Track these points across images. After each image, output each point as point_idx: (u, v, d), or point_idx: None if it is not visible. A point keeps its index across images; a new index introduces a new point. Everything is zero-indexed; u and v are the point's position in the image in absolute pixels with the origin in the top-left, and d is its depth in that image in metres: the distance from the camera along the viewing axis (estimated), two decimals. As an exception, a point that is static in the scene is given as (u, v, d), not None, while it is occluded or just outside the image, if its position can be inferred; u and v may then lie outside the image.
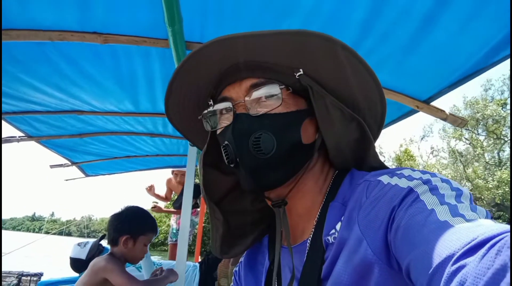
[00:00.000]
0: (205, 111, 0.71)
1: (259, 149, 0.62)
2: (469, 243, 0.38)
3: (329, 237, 0.62)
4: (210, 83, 0.72)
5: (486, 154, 25.67)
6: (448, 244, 0.41)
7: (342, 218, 0.62)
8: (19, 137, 2.90)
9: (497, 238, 0.36)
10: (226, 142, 0.66)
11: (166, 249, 5.14)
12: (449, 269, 0.38)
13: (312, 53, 0.64)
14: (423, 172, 0.58)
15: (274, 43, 0.64)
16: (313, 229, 0.66)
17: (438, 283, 0.39)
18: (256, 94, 0.66)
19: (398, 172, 0.60)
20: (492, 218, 0.49)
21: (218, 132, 0.71)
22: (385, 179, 0.60)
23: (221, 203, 0.78)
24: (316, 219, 0.67)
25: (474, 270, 0.34)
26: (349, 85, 0.68)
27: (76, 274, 2.94)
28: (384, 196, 0.56)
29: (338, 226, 0.62)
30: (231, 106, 0.67)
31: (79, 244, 2.92)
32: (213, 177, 0.77)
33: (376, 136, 0.76)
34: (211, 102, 0.72)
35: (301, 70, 0.66)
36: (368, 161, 0.73)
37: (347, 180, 0.69)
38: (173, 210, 5.26)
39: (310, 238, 0.66)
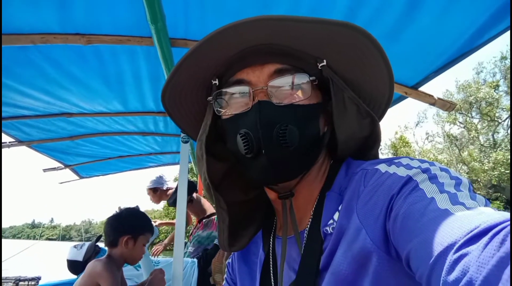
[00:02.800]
0: (215, 92, 0.67)
1: (284, 141, 0.60)
2: (471, 231, 0.38)
3: (327, 228, 0.62)
4: (220, 63, 0.67)
5: (480, 137, 25.80)
6: (450, 232, 0.40)
7: (340, 208, 0.62)
8: (9, 142, 2.87)
9: (500, 226, 0.36)
10: (245, 130, 0.62)
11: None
12: (451, 257, 0.37)
13: (338, 44, 0.62)
14: (422, 161, 0.58)
15: (304, 29, 0.60)
16: (310, 219, 0.66)
17: (440, 272, 0.38)
18: (281, 81, 0.63)
19: (396, 160, 0.60)
20: (491, 204, 0.48)
21: (225, 116, 0.67)
22: (382, 167, 0.59)
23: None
24: (313, 209, 0.67)
25: (477, 258, 0.34)
26: (369, 79, 0.67)
27: (74, 276, 2.94)
28: (383, 185, 0.55)
29: (336, 216, 0.62)
30: (250, 91, 0.63)
31: (75, 246, 2.92)
32: (210, 164, 0.71)
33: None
34: (216, 82, 0.68)
35: (324, 61, 0.64)
36: (367, 158, 0.71)
37: (343, 170, 0.69)
38: (172, 221, 4.62)
39: (307, 229, 0.65)
